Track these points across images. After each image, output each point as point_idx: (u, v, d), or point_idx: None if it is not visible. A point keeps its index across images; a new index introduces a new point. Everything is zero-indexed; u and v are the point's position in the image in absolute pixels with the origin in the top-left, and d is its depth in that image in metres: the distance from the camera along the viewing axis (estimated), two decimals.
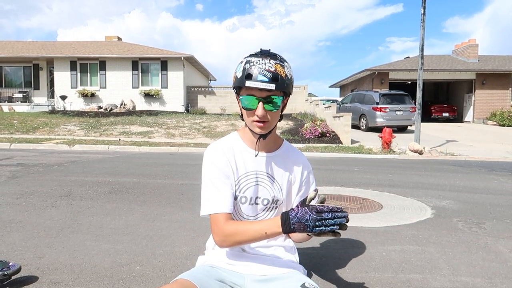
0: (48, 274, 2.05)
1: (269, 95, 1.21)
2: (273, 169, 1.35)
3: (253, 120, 1.25)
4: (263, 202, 1.34)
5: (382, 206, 3.81)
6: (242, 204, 1.33)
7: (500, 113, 19.55)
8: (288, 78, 1.23)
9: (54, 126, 13.48)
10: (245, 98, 1.22)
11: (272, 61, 1.20)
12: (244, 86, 1.20)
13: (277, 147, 1.39)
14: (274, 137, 1.37)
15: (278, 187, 1.35)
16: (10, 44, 22.42)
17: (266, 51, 1.24)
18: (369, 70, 21.05)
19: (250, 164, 1.34)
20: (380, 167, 7.07)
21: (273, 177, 1.35)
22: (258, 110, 1.21)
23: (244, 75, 1.19)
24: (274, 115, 1.26)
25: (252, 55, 1.24)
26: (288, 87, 1.23)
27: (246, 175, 1.33)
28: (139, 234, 2.76)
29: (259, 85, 1.17)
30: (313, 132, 11.81)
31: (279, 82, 1.18)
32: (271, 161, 1.36)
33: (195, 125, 14.09)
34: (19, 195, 4.01)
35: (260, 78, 1.17)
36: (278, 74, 1.18)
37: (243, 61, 1.23)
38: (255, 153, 1.34)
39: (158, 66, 19.99)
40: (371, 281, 2.05)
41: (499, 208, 3.83)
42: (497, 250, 2.57)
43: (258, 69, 1.18)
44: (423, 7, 10.44)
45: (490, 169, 7.06)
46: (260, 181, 1.34)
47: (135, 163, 6.94)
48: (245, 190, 1.33)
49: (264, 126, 1.25)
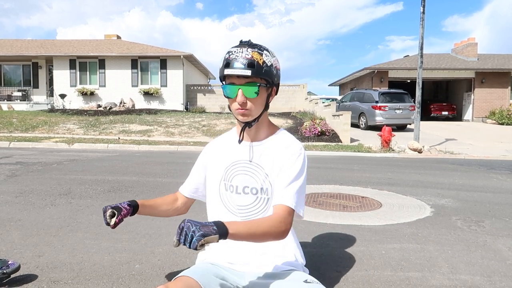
0: (47, 273, 2.05)
1: (248, 82, 1.24)
2: (260, 158, 1.36)
3: (235, 108, 1.28)
4: (252, 191, 1.35)
5: (381, 205, 3.81)
6: (231, 193, 1.36)
7: (499, 112, 19.57)
8: (267, 65, 1.25)
9: (53, 125, 13.46)
10: (226, 86, 1.27)
11: (249, 49, 1.23)
12: (224, 75, 1.25)
13: (269, 136, 1.39)
14: (266, 126, 1.38)
15: (263, 175, 1.35)
16: (9, 43, 22.37)
17: (246, 41, 1.28)
18: (369, 68, 21.04)
19: (238, 153, 1.37)
20: (380, 166, 7.08)
21: (259, 165, 1.35)
22: (238, 97, 1.25)
23: (224, 64, 1.24)
24: (255, 102, 1.27)
25: (233, 46, 1.28)
26: (268, 74, 1.25)
27: (233, 164, 1.37)
28: (138, 233, 2.76)
29: (235, 71, 1.22)
30: (313, 131, 11.81)
31: (255, 68, 1.21)
32: (259, 149, 1.36)
33: (195, 124, 14.08)
34: (18, 194, 4.01)
35: (237, 65, 1.22)
36: (254, 61, 1.22)
37: (225, 53, 1.27)
38: (239, 139, 1.35)
39: (158, 65, 19.96)
40: (370, 280, 2.05)
41: (498, 207, 3.83)
42: (496, 248, 2.58)
43: (235, 57, 1.22)
44: (423, 6, 10.43)
45: (489, 167, 7.07)
46: (246, 170, 1.36)
47: (135, 162, 6.93)
48: (232, 179, 1.36)
49: (245, 113, 1.27)
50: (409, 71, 20.39)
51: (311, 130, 11.87)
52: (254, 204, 1.36)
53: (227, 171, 1.37)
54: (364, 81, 22.57)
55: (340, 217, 3.32)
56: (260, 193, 1.35)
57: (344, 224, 3.09)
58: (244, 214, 1.36)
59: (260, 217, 1.34)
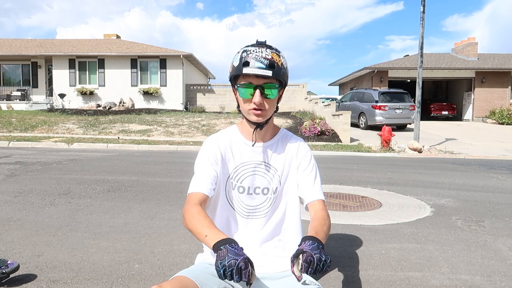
0: (47, 272, 2.05)
1: (266, 82, 1.22)
2: (269, 158, 1.36)
3: (250, 109, 1.26)
4: (263, 191, 1.36)
5: (381, 204, 3.80)
6: (240, 193, 1.35)
7: (500, 111, 19.56)
8: (284, 67, 1.25)
9: (53, 125, 13.45)
10: (243, 85, 1.24)
11: (268, 50, 1.22)
12: (242, 74, 1.22)
13: (274, 135, 1.40)
14: (272, 127, 1.39)
15: (276, 175, 1.36)
16: (9, 42, 22.34)
17: (262, 42, 1.27)
18: (369, 68, 21.03)
19: (246, 154, 1.35)
20: (379, 166, 7.08)
21: (270, 165, 1.36)
22: (256, 97, 1.22)
23: (242, 63, 1.21)
24: (271, 103, 1.27)
25: (248, 45, 1.26)
26: (284, 76, 1.26)
27: (243, 165, 1.35)
28: (138, 232, 2.76)
29: (256, 71, 1.19)
30: (312, 131, 11.81)
31: (275, 69, 1.21)
32: (267, 150, 1.37)
33: (194, 123, 14.07)
34: (18, 193, 4.00)
35: (257, 65, 1.19)
36: (274, 62, 1.21)
37: (240, 51, 1.25)
38: (252, 143, 1.35)
39: (157, 64, 19.95)
40: (370, 279, 2.04)
41: (498, 206, 3.83)
42: (496, 248, 2.57)
43: (255, 56, 1.20)
44: (423, 5, 10.42)
45: (489, 167, 7.06)
46: (257, 171, 1.35)
47: (134, 162, 6.93)
48: (242, 180, 1.35)
49: (261, 114, 1.26)
50: (409, 70, 20.37)
51: (311, 130, 11.86)
52: (264, 204, 1.36)
53: (236, 170, 1.35)
54: (364, 80, 22.56)
55: (340, 216, 3.32)
56: (270, 193, 1.36)
57: (344, 224, 3.09)
58: (251, 213, 1.36)
59: (266, 215, 1.36)
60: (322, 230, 1.19)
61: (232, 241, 1.00)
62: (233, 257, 0.93)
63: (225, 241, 1.00)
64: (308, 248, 1.00)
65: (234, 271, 0.91)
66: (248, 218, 1.36)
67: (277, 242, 1.37)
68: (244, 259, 0.93)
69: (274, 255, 1.35)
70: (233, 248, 0.96)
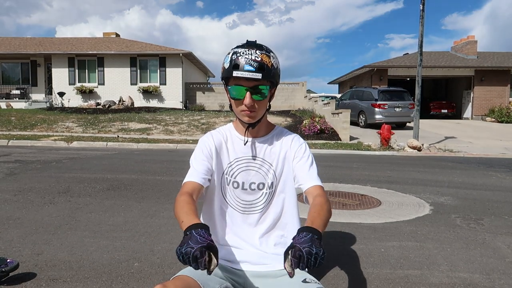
0: (46, 271, 2.05)
1: (256, 85, 1.23)
2: (263, 153, 1.38)
3: (241, 110, 1.27)
4: (259, 186, 1.37)
5: (380, 203, 3.81)
6: (235, 189, 1.37)
7: (499, 110, 19.57)
8: (275, 68, 1.26)
9: (52, 123, 13.44)
10: (233, 88, 1.25)
11: (258, 52, 1.22)
12: (232, 77, 1.22)
13: (268, 132, 1.41)
14: (265, 124, 1.40)
15: (270, 170, 1.37)
16: (8, 41, 22.30)
17: (252, 42, 1.27)
18: (368, 66, 21.02)
19: (240, 149, 1.37)
20: (379, 164, 7.08)
21: (264, 160, 1.37)
22: (246, 99, 1.24)
23: (232, 65, 1.21)
24: (261, 104, 1.28)
25: (238, 46, 1.26)
26: (274, 77, 1.26)
27: (236, 160, 1.37)
28: (137, 231, 2.76)
29: (246, 74, 1.20)
30: (312, 129, 11.81)
31: (265, 72, 1.21)
32: (261, 145, 1.38)
33: (194, 122, 14.07)
34: (17, 192, 4.00)
35: (247, 68, 1.20)
36: (264, 64, 1.21)
37: (230, 52, 1.25)
38: (245, 141, 1.36)
39: (157, 63, 19.93)
40: (370, 277, 2.05)
41: (497, 205, 3.83)
42: (495, 246, 2.58)
43: (244, 59, 1.20)
44: (422, 4, 10.41)
45: (489, 165, 7.07)
46: (250, 166, 1.37)
47: (134, 160, 6.93)
48: (236, 175, 1.36)
49: (252, 115, 1.28)
50: (409, 69, 20.35)
51: (310, 128, 11.87)
52: (259, 199, 1.37)
53: (230, 166, 1.37)
54: (363, 79, 22.55)
55: (339, 215, 3.32)
56: (266, 188, 1.37)
57: (343, 222, 3.09)
58: (247, 208, 1.37)
59: (262, 210, 1.36)
60: (319, 217, 1.16)
61: (200, 226, 0.99)
62: (191, 245, 0.91)
63: (193, 227, 0.98)
64: (298, 242, 0.96)
65: (190, 259, 0.90)
66: (244, 213, 1.37)
67: (278, 238, 1.38)
68: (200, 248, 0.91)
69: (274, 253, 1.36)
70: (198, 234, 0.95)
